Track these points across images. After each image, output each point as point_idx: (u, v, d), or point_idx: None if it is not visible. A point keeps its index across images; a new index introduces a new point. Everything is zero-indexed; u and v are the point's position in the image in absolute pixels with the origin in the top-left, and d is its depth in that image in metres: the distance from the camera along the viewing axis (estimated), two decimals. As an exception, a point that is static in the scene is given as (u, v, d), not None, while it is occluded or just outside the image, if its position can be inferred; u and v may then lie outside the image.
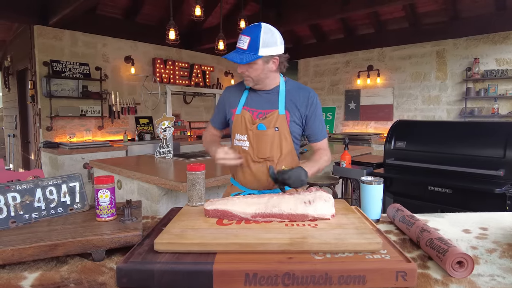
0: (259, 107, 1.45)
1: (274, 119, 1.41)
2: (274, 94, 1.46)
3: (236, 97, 1.51)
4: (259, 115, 1.44)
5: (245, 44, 1.30)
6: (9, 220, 0.96)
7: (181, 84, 6.15)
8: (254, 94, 1.48)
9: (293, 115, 1.44)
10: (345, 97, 6.64)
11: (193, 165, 1.16)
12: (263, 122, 1.41)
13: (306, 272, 0.72)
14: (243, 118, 1.44)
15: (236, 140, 1.47)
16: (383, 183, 1.19)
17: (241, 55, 1.31)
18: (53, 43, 4.73)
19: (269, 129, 1.40)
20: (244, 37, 1.31)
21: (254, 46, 1.30)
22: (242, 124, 1.44)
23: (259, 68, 1.35)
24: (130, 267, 0.74)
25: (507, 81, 4.86)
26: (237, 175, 1.52)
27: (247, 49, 1.30)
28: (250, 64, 1.34)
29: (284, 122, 1.42)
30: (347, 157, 2.93)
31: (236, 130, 1.47)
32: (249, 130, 1.42)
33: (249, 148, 1.43)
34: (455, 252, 0.78)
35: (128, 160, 3.11)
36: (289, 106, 1.44)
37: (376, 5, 4.44)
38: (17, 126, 6.06)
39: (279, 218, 0.93)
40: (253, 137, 1.42)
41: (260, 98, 1.46)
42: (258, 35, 1.30)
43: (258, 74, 1.37)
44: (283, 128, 1.41)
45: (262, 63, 1.35)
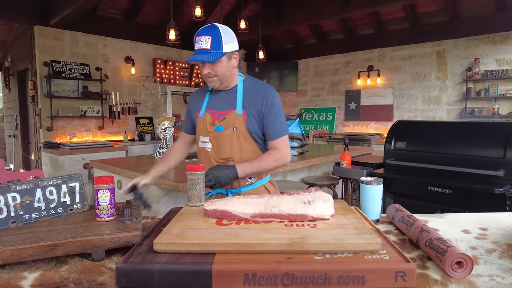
0: (219, 108, 1.47)
1: (232, 120, 1.42)
2: (233, 94, 1.46)
3: (200, 101, 1.53)
4: (219, 116, 1.46)
5: (207, 44, 1.30)
6: (9, 220, 0.97)
7: (181, 85, 6.15)
8: (214, 96, 1.50)
9: (250, 114, 1.42)
10: (345, 97, 6.64)
11: (193, 165, 1.16)
12: (221, 123, 1.43)
13: (305, 272, 0.72)
14: (204, 121, 1.47)
15: (200, 142, 1.51)
16: (382, 184, 1.19)
17: (208, 55, 1.31)
18: (54, 43, 4.74)
19: (227, 130, 1.42)
20: (205, 37, 1.31)
21: (217, 44, 1.31)
22: (204, 126, 1.47)
23: (224, 66, 1.37)
24: (129, 267, 0.74)
25: (507, 82, 4.86)
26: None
27: (211, 48, 1.31)
28: (216, 63, 1.34)
29: (241, 121, 1.41)
30: (347, 157, 2.93)
31: (199, 132, 1.51)
32: (209, 132, 1.45)
33: (211, 149, 1.46)
34: (455, 252, 0.78)
35: (128, 160, 3.11)
36: (246, 105, 1.43)
37: (376, 5, 4.45)
38: (17, 126, 6.07)
39: (279, 219, 0.94)
40: (213, 138, 1.45)
41: (219, 100, 1.48)
42: (218, 33, 1.32)
43: (224, 72, 1.38)
44: (241, 128, 1.41)
45: (227, 60, 1.37)
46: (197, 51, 1.33)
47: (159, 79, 5.79)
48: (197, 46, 1.33)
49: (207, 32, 1.32)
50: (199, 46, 1.32)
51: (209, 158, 1.48)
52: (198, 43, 1.32)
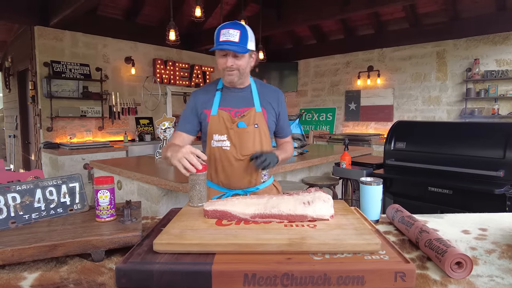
0: (235, 106, 1.47)
1: (253, 116, 1.44)
2: (248, 92, 1.49)
3: (208, 98, 1.49)
4: (236, 113, 1.46)
5: (236, 37, 1.32)
6: (9, 220, 0.97)
7: (182, 85, 6.15)
8: (228, 93, 1.49)
9: (269, 112, 1.49)
10: (345, 97, 6.64)
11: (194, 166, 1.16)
12: (242, 120, 1.43)
13: (305, 273, 0.72)
14: (221, 118, 1.44)
15: (215, 141, 1.46)
16: (382, 184, 1.19)
17: (237, 46, 1.33)
18: (54, 44, 4.74)
19: (249, 126, 1.43)
20: (233, 30, 1.33)
21: (244, 39, 1.34)
22: (221, 123, 1.44)
23: (246, 61, 1.40)
24: (129, 267, 0.74)
25: (507, 82, 4.86)
26: (217, 177, 1.50)
27: (239, 42, 1.33)
28: (239, 57, 1.37)
29: (262, 118, 1.46)
30: (347, 157, 2.93)
31: (213, 131, 1.46)
32: (229, 129, 1.44)
33: (230, 147, 1.45)
34: (454, 252, 0.78)
35: (128, 160, 3.11)
36: (263, 103, 1.49)
37: (376, 5, 4.45)
38: (17, 126, 6.07)
39: (278, 219, 0.94)
40: (235, 135, 1.43)
41: (234, 97, 1.48)
42: (245, 30, 1.36)
43: (245, 67, 1.41)
44: (262, 124, 1.46)
45: (248, 57, 1.41)
46: (224, 42, 1.33)
47: (159, 80, 5.79)
48: (223, 38, 1.33)
49: (235, 26, 1.34)
50: (226, 38, 1.32)
51: (227, 157, 1.45)
52: (225, 35, 1.33)
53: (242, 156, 1.45)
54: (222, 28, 1.35)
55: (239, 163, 1.45)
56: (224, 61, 1.37)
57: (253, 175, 1.48)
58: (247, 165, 1.46)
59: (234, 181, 1.48)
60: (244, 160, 1.45)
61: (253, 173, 1.48)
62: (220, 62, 1.40)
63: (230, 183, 1.49)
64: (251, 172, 1.47)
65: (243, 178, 1.48)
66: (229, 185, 1.50)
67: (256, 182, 1.51)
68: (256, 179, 1.50)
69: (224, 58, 1.38)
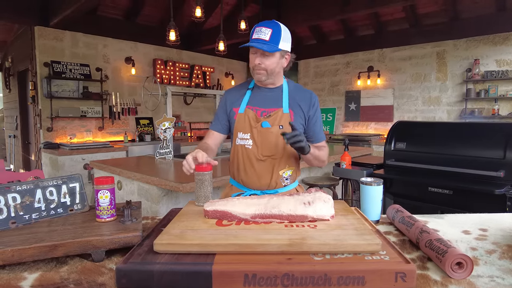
0: (263, 105, 1.45)
1: (279, 117, 1.41)
2: (278, 93, 1.47)
3: (239, 97, 1.50)
4: (263, 113, 1.43)
5: (267, 35, 1.31)
6: (9, 220, 0.97)
7: (182, 85, 6.16)
8: (257, 92, 1.48)
9: (297, 114, 1.45)
10: (346, 98, 6.65)
11: (200, 165, 1.16)
12: (267, 120, 1.41)
13: (305, 273, 0.72)
14: (247, 117, 1.43)
15: (239, 139, 1.46)
16: (382, 184, 1.19)
17: (265, 45, 1.31)
18: (54, 44, 4.74)
19: (274, 127, 1.40)
20: (266, 28, 1.32)
21: (276, 38, 1.32)
22: (246, 122, 1.43)
23: (275, 62, 1.37)
24: (129, 267, 0.74)
25: (507, 82, 4.86)
26: (239, 175, 1.50)
27: (269, 40, 1.31)
28: (268, 56, 1.35)
29: (288, 120, 1.42)
30: (347, 158, 2.93)
31: (239, 129, 1.45)
32: (253, 128, 1.42)
33: (252, 146, 1.42)
34: (455, 253, 0.78)
35: (129, 161, 3.11)
36: (292, 105, 1.45)
37: (376, 6, 4.45)
38: (17, 127, 6.07)
39: (279, 219, 0.94)
40: (257, 135, 1.41)
41: (263, 97, 1.46)
42: (279, 29, 1.34)
43: (274, 68, 1.38)
44: (287, 126, 1.41)
45: (279, 57, 1.38)
46: (255, 40, 1.33)
47: (159, 80, 5.79)
48: (255, 35, 1.33)
49: (268, 25, 1.33)
50: (257, 36, 1.32)
51: (248, 156, 1.43)
52: (257, 33, 1.33)
53: (262, 156, 1.42)
54: (257, 26, 1.35)
55: (259, 163, 1.43)
56: (253, 59, 1.37)
57: (273, 176, 1.45)
58: (268, 165, 1.44)
59: (253, 180, 1.46)
60: (265, 160, 1.43)
61: (273, 174, 1.45)
62: (250, 59, 1.39)
63: (250, 182, 1.47)
64: (271, 173, 1.45)
65: (262, 179, 1.45)
66: (249, 184, 1.48)
67: (276, 185, 1.47)
68: (276, 182, 1.46)
69: (253, 56, 1.37)
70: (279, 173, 1.46)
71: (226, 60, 7.08)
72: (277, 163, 1.44)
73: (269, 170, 1.44)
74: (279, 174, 1.46)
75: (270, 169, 1.44)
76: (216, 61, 6.87)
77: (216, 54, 4.65)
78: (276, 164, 1.44)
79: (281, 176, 1.47)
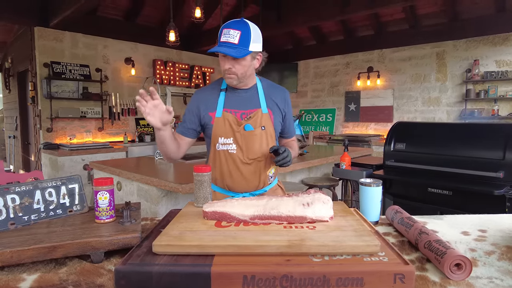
0: (241, 107, 1.40)
1: (259, 118, 1.39)
2: (253, 93, 1.43)
3: (212, 99, 1.42)
4: (242, 115, 1.40)
5: (235, 38, 1.24)
6: (8, 222, 0.97)
7: (181, 86, 6.16)
8: (232, 94, 1.42)
9: (275, 113, 1.44)
10: (345, 98, 6.65)
11: (199, 166, 1.16)
12: (249, 122, 1.38)
13: (304, 275, 0.72)
14: (226, 120, 1.38)
15: (220, 145, 1.40)
16: (382, 185, 1.19)
17: (234, 50, 1.24)
18: (54, 44, 4.75)
19: (257, 129, 1.39)
20: (234, 31, 1.24)
21: (245, 41, 1.25)
22: (226, 126, 1.38)
23: (246, 65, 1.31)
24: (128, 269, 0.74)
25: (507, 83, 4.86)
26: (223, 180, 1.44)
27: (239, 44, 1.24)
28: (238, 60, 1.28)
29: (268, 120, 1.42)
30: (346, 158, 2.93)
31: (219, 133, 1.39)
32: (236, 132, 1.38)
33: (237, 150, 1.39)
34: (453, 254, 0.78)
35: (128, 161, 3.11)
36: (270, 104, 1.44)
37: (376, 6, 4.45)
38: (17, 127, 6.07)
39: (278, 220, 0.93)
40: (241, 138, 1.38)
41: (239, 98, 1.42)
42: (248, 30, 1.26)
43: (245, 71, 1.33)
44: (268, 126, 1.41)
45: (250, 59, 1.32)
46: (223, 43, 1.26)
47: (159, 80, 5.79)
48: (223, 38, 1.26)
49: (237, 26, 1.26)
50: (225, 39, 1.25)
51: (234, 160, 1.40)
52: (225, 36, 1.25)
53: (249, 160, 1.40)
54: (224, 27, 1.27)
55: (245, 167, 1.40)
56: (223, 63, 1.31)
57: (261, 177, 1.44)
58: (255, 168, 1.42)
59: (241, 184, 1.43)
60: (251, 163, 1.41)
61: (261, 175, 1.43)
62: (221, 63, 1.33)
63: (237, 186, 1.44)
64: (259, 175, 1.43)
65: (250, 182, 1.43)
66: (235, 188, 1.44)
67: (263, 185, 1.47)
68: (264, 182, 1.46)
69: (223, 60, 1.31)
70: (266, 173, 1.46)
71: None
72: (263, 165, 1.43)
73: (256, 172, 1.43)
74: (266, 174, 1.46)
75: (257, 171, 1.43)
76: (216, 62, 6.86)
77: (216, 54, 4.64)
78: (263, 166, 1.43)
79: (268, 176, 1.47)
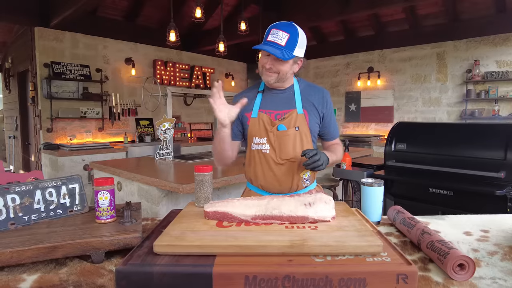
0: (276, 108, 1.41)
1: (294, 119, 1.38)
2: (290, 94, 1.43)
3: (250, 101, 1.43)
4: (277, 116, 1.40)
5: (283, 40, 1.26)
6: (8, 222, 0.96)
7: (182, 86, 6.16)
8: (269, 95, 1.44)
9: (311, 113, 1.42)
10: (346, 99, 6.65)
11: (200, 166, 1.16)
12: (282, 122, 1.38)
13: (306, 275, 0.71)
14: (261, 121, 1.40)
15: (255, 144, 1.42)
16: (383, 185, 1.19)
17: (280, 51, 1.26)
18: (54, 44, 4.74)
19: (290, 129, 1.38)
20: (283, 33, 1.26)
21: (292, 44, 1.26)
22: (260, 126, 1.40)
23: (287, 67, 1.33)
24: (129, 269, 0.73)
25: (507, 83, 4.86)
26: (257, 180, 1.46)
27: (285, 46, 1.26)
28: (280, 62, 1.30)
29: (303, 121, 1.40)
30: (347, 159, 2.93)
31: (253, 133, 1.41)
32: (269, 132, 1.38)
33: (270, 150, 1.39)
34: (456, 254, 0.78)
35: (128, 161, 3.11)
36: (306, 105, 1.42)
37: (376, 7, 4.45)
38: (17, 127, 6.07)
39: (279, 220, 0.93)
40: (274, 138, 1.38)
41: (275, 99, 1.43)
42: (297, 34, 1.28)
43: (285, 73, 1.34)
44: (303, 127, 1.39)
45: (292, 63, 1.34)
46: (269, 42, 1.27)
47: (159, 81, 5.79)
48: (270, 37, 1.27)
49: (286, 29, 1.27)
50: (273, 39, 1.26)
51: (267, 160, 1.40)
52: (273, 35, 1.27)
53: (281, 160, 1.39)
54: (273, 27, 1.29)
55: (278, 167, 1.40)
56: (265, 61, 1.32)
57: (294, 179, 1.42)
58: (288, 169, 1.40)
59: (274, 185, 1.43)
60: (284, 164, 1.40)
61: (294, 177, 1.42)
62: (262, 60, 1.34)
63: (270, 187, 1.43)
64: (292, 177, 1.42)
65: (283, 183, 1.42)
66: (269, 188, 1.44)
67: (297, 187, 1.45)
68: (297, 184, 1.44)
69: (265, 58, 1.33)
70: (300, 175, 1.43)
71: (226, 61, 7.08)
72: (297, 166, 1.41)
73: (289, 173, 1.41)
74: (300, 176, 1.43)
75: (290, 172, 1.41)
76: (216, 62, 6.87)
77: (216, 55, 4.65)
78: (296, 167, 1.41)
79: (302, 178, 1.45)
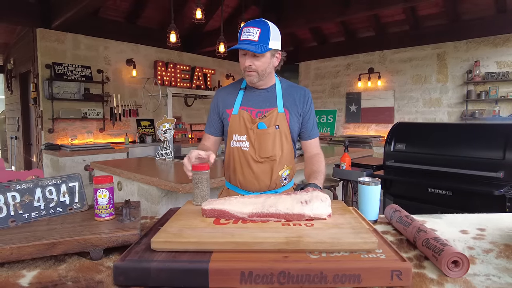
0: (257, 106, 1.43)
1: (274, 117, 1.40)
2: (272, 93, 1.45)
3: (231, 97, 1.46)
4: (258, 114, 1.42)
5: (255, 35, 1.28)
6: (8, 219, 0.97)
7: (182, 87, 6.17)
8: (250, 93, 1.45)
9: (292, 113, 1.44)
10: (346, 99, 6.65)
11: (198, 164, 1.17)
12: (263, 120, 1.39)
13: (302, 271, 0.72)
14: (241, 118, 1.41)
15: (234, 141, 1.44)
16: (380, 184, 1.19)
17: (254, 46, 1.28)
18: (56, 46, 4.77)
19: (270, 128, 1.39)
20: (254, 28, 1.29)
21: (265, 37, 1.29)
22: (241, 123, 1.41)
23: (266, 61, 1.34)
24: (127, 265, 0.74)
25: (508, 84, 4.86)
26: (236, 178, 1.47)
27: (258, 41, 1.28)
28: (258, 57, 1.32)
29: (284, 120, 1.41)
30: (347, 159, 2.93)
31: (233, 130, 1.43)
32: (249, 130, 1.40)
33: (249, 148, 1.41)
34: (451, 251, 0.79)
35: (129, 162, 3.12)
36: (287, 104, 1.44)
37: (376, 8, 4.46)
38: (19, 128, 6.09)
39: (276, 218, 0.94)
40: (254, 136, 1.40)
41: (257, 97, 1.44)
42: (267, 27, 1.30)
43: (265, 68, 1.35)
44: (283, 126, 1.41)
45: (270, 57, 1.35)
46: (243, 41, 1.30)
47: (160, 81, 5.81)
48: (243, 36, 1.30)
49: (256, 24, 1.30)
50: (245, 37, 1.29)
51: (246, 158, 1.42)
52: (245, 34, 1.30)
53: (261, 158, 1.41)
54: (244, 26, 1.31)
55: (257, 165, 1.42)
56: (243, 60, 1.34)
57: (272, 177, 1.44)
58: (267, 167, 1.42)
59: (252, 183, 1.44)
60: (263, 162, 1.41)
61: (272, 175, 1.44)
62: (240, 61, 1.36)
63: (248, 184, 1.45)
64: (270, 175, 1.43)
65: (262, 181, 1.44)
66: (247, 187, 1.46)
67: (275, 186, 1.47)
68: (276, 182, 1.46)
69: (243, 58, 1.35)
70: (279, 173, 1.45)
71: (227, 62, 7.10)
72: (276, 164, 1.43)
73: (268, 171, 1.43)
74: (279, 175, 1.45)
75: (269, 170, 1.43)
76: (217, 63, 6.89)
77: (216, 56, 4.66)
78: (275, 165, 1.43)
79: (280, 177, 1.46)
